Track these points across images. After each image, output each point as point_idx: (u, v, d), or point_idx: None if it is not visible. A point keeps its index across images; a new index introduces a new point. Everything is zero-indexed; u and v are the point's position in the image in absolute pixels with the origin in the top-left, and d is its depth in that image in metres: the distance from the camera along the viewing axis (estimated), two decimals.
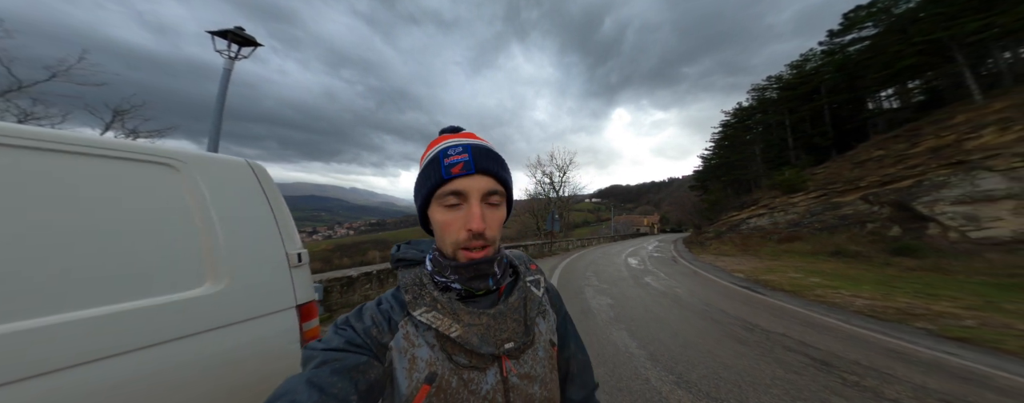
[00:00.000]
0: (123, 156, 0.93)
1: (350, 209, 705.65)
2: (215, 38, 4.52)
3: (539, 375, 0.45)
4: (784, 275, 7.94)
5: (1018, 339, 3.30)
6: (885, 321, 4.17)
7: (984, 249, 8.46)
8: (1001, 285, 6.22)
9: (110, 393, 0.78)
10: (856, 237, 11.45)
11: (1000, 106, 11.47)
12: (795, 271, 8.63)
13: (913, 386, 2.36)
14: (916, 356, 2.96)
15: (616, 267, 10.11)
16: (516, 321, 0.45)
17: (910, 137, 13.76)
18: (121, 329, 0.82)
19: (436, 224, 0.44)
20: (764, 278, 7.59)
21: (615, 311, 4.65)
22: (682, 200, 55.54)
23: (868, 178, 13.10)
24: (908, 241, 9.86)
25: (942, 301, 5.06)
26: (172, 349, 0.90)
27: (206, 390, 0.95)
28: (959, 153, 10.69)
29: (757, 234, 15.99)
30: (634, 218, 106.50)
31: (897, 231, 10.71)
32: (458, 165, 0.41)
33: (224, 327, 1.00)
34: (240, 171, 1.20)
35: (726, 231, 19.01)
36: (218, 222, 1.06)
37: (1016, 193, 8.92)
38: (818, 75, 25.18)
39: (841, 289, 6.10)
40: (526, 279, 0.51)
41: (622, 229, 65.22)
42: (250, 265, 1.11)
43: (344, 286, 4.62)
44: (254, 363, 1.06)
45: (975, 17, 14.55)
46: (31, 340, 0.70)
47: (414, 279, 0.46)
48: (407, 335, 0.42)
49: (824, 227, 13.15)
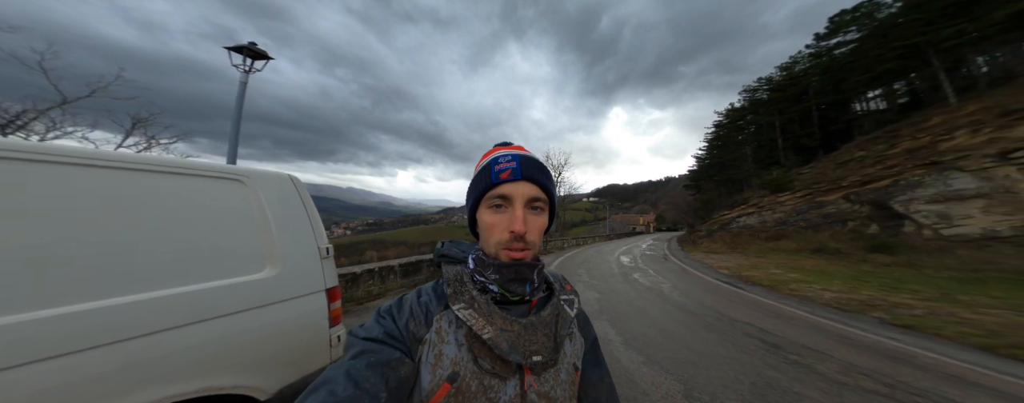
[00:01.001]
0: (210, 175, 1.29)
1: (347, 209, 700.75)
2: (231, 53, 4.90)
3: (558, 398, 0.45)
4: (766, 271, 8.32)
5: (956, 326, 3.69)
6: (846, 312, 4.52)
7: (955, 246, 8.93)
8: (963, 279, 6.66)
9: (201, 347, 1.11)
10: (837, 235, 11.92)
11: (972, 109, 12.02)
12: (776, 268, 9.02)
13: (844, 363, 2.72)
14: (859, 340, 3.32)
15: (608, 265, 10.46)
16: (546, 336, 0.45)
17: (889, 138, 14.31)
18: (215, 300, 1.15)
19: (482, 225, 0.47)
20: (747, 274, 7.95)
21: (601, 305, 4.99)
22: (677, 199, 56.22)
23: (850, 178, 13.61)
24: (885, 239, 10.33)
25: (902, 294, 5.43)
26: (244, 320, 1.22)
27: (263, 352, 1.26)
28: (933, 154, 11.20)
29: (746, 232, 16.46)
30: (630, 217, 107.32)
31: (875, 229, 11.19)
32: (506, 171, 0.45)
33: (277, 303, 1.33)
34: (284, 183, 1.54)
35: (717, 230, 19.48)
36: (272, 222, 1.39)
37: (985, 192, 9.41)
38: (806, 77, 25.82)
39: (814, 284, 6.46)
40: (560, 297, 0.52)
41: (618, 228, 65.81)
42: (294, 256, 1.43)
43: (349, 282, 4.93)
44: (294, 333, 1.38)
45: (950, 23, 15.16)
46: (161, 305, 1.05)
47: (456, 275, 0.48)
48: (439, 330, 0.44)
49: (808, 225, 13.63)
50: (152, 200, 1.12)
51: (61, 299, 0.88)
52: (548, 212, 0.49)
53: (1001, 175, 9.35)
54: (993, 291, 5.48)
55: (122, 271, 1.00)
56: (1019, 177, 9.09)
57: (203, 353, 1.11)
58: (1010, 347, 3.00)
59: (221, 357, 1.15)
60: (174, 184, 1.19)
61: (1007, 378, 2.51)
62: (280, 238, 1.40)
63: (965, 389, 2.34)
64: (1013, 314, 4.08)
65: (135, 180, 1.09)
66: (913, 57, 17.28)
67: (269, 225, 1.38)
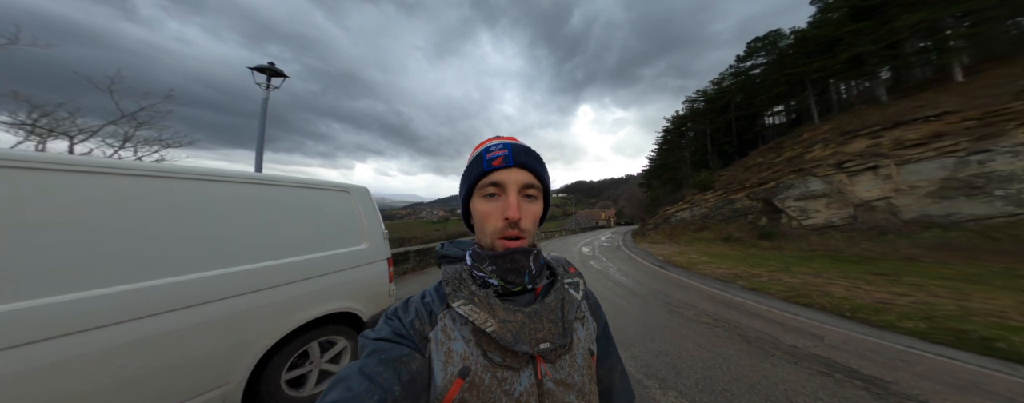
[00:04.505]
0: (333, 189, 2.16)
1: None
2: (255, 73, 5.54)
3: (577, 384, 0.44)
4: (687, 256, 10.34)
5: (778, 287, 5.49)
6: (723, 281, 6.32)
7: (808, 233, 12.53)
8: (803, 257, 9.62)
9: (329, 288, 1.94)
10: (741, 226, 15.49)
11: (827, 128, 16.33)
12: (696, 253, 11.14)
13: (702, 311, 4.24)
14: (720, 298, 4.97)
15: (570, 254, 11.68)
16: (553, 322, 0.45)
17: (777, 148, 18.53)
18: (336, 261, 2.01)
19: (476, 214, 0.47)
20: (674, 259, 9.91)
21: None
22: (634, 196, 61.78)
23: (751, 180, 17.47)
24: (768, 228, 13.89)
25: (761, 268, 7.47)
26: (353, 272, 2.11)
27: (363, 293, 2.17)
28: (801, 162, 15.13)
29: (681, 225, 19.98)
30: (594, 212, 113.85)
31: (764, 221, 14.86)
32: (498, 158, 0.45)
33: (368, 264, 2.24)
34: (366, 192, 2.45)
35: (661, 223, 23.02)
36: (363, 215, 2.32)
37: (828, 193, 13.24)
38: (730, 92, 30.86)
39: (714, 264, 8.45)
40: (564, 281, 0.52)
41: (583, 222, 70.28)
42: (373, 236, 2.34)
43: None
44: (375, 283, 2.29)
45: (819, 59, 19.94)
46: (313, 264, 1.87)
47: (455, 274, 0.48)
48: (445, 328, 0.44)
49: (722, 218, 17.27)
50: (309, 204, 1.95)
51: (273, 256, 1.68)
52: (542, 200, 0.49)
53: (838, 180, 13.23)
54: (813, 264, 7.87)
55: (299, 243, 1.80)
56: (848, 181, 12.98)
57: (342, 289, 1.98)
58: (800, 297, 4.83)
59: (348, 293, 2.03)
60: (319, 194, 2.03)
61: (788, 315, 4.08)
62: (367, 225, 2.31)
63: (756, 320, 3.82)
64: (813, 278, 6.22)
65: (301, 194, 1.92)
66: (797, 83, 22.18)
67: (361, 217, 2.29)
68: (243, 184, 1.63)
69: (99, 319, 1.11)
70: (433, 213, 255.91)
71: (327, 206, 2.07)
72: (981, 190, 9.54)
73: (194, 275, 1.36)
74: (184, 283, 1.33)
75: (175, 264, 1.33)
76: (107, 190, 1.22)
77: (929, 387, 2.29)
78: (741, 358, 2.79)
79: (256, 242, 1.61)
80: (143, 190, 1.31)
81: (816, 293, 5.01)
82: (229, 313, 1.44)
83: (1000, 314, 3.85)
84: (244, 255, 1.55)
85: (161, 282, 1.27)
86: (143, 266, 1.25)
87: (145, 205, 1.31)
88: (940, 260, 7.57)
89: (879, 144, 12.68)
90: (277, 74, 5.68)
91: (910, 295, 4.82)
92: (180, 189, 1.41)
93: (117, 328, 1.15)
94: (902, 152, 11.66)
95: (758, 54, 28.25)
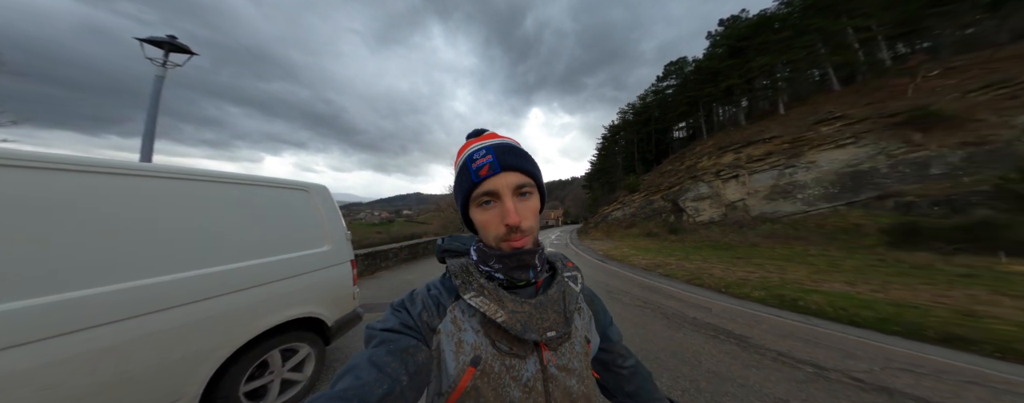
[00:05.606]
0: (292, 187, 2.05)
1: None
2: (144, 45, 4.18)
3: (576, 369, 0.47)
4: (621, 251, 12.03)
5: (683, 271, 6.92)
6: (647, 270, 7.69)
7: (699, 228, 16.52)
8: (697, 247, 12.57)
9: (290, 293, 1.83)
10: (658, 223, 19.36)
11: (711, 143, 21.28)
12: (627, 248, 13.11)
13: (633, 296, 5.04)
14: (646, 285, 5.92)
15: None
16: (557, 312, 0.47)
17: (681, 158, 23.31)
18: (296, 264, 1.89)
19: (477, 224, 0.48)
20: (610, 253, 11.59)
21: None
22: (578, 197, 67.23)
23: (664, 184, 21.73)
24: (676, 225, 17.78)
25: (672, 258, 9.37)
26: (316, 275, 2.00)
27: (326, 296, 2.09)
28: (694, 171, 19.58)
29: (615, 223, 23.64)
30: (545, 213, 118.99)
31: (673, 219, 18.89)
32: (484, 167, 0.45)
33: (331, 266, 2.14)
34: (324, 190, 2.33)
35: (600, 222, 26.63)
36: (325, 215, 2.20)
37: (710, 195, 17.55)
38: (651, 108, 36.58)
39: (639, 256, 10.09)
40: (564, 274, 0.54)
41: None
42: (336, 237, 2.24)
43: None
44: (338, 286, 2.21)
45: (707, 86, 25.54)
46: (271, 267, 1.75)
47: (462, 267, 0.49)
48: (455, 319, 0.46)
49: (645, 217, 21.18)
50: (264, 203, 1.82)
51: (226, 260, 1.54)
52: (537, 193, 0.49)
53: (716, 185, 17.64)
54: (703, 253, 10.23)
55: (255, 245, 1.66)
56: (722, 187, 17.41)
57: (304, 294, 1.88)
58: (695, 279, 6.16)
59: (310, 297, 1.95)
60: (275, 193, 1.89)
61: (689, 294, 5.12)
62: (329, 226, 2.20)
63: (671, 300, 4.65)
64: (702, 263, 8.03)
65: (254, 192, 1.79)
66: (694, 104, 27.90)
67: (322, 218, 2.17)
68: (184, 181, 1.48)
69: (14, 337, 0.95)
70: (373, 214, 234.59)
71: (284, 206, 1.95)
72: (791, 194, 14.18)
73: (133, 283, 1.21)
74: (121, 292, 1.18)
75: (113, 271, 1.18)
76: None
77: (769, 337, 3.15)
78: (663, 331, 3.37)
79: (204, 245, 1.47)
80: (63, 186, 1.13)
81: (705, 275, 6.50)
82: (177, 324, 1.31)
83: (799, 282, 5.52)
84: (190, 260, 1.41)
85: (92, 292, 1.11)
86: (68, 275, 1.08)
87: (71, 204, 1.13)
88: (770, 245, 11.18)
89: (740, 158, 17.36)
90: (180, 50, 4.42)
91: (756, 272, 6.58)
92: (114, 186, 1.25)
93: (39, 346, 0.99)
94: (752, 165, 16.29)
95: (671, 76, 34.07)
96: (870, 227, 10.59)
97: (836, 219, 12.04)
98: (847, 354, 2.76)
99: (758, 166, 15.94)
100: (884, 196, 11.93)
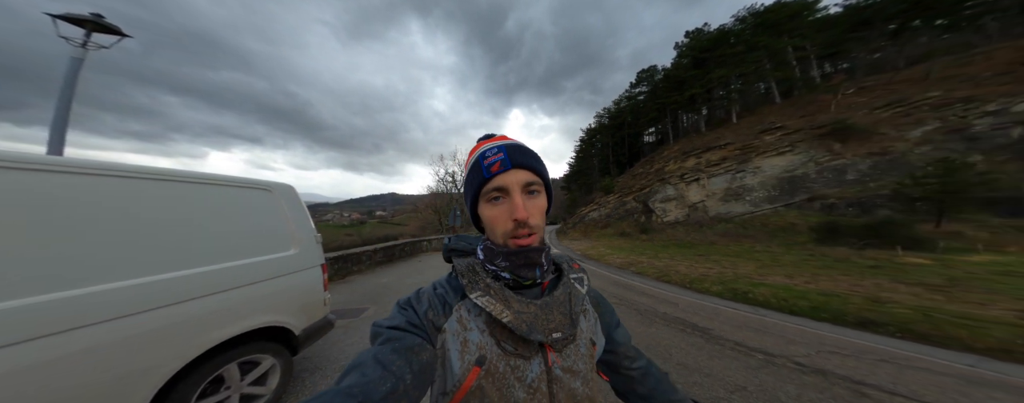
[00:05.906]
0: (246, 186, 1.87)
1: None
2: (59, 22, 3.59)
3: (581, 371, 0.47)
4: (597, 250, 13.02)
5: (652, 269, 7.42)
6: (622, 268, 8.23)
7: (667, 227, 18.15)
8: (665, 246, 14.04)
9: (250, 301, 1.69)
10: (631, 224, 20.91)
11: (676, 148, 23.20)
12: (603, 247, 14.15)
13: (609, 293, 5.17)
14: (621, 282, 6.27)
15: None
16: (562, 313, 0.48)
17: (651, 162, 25.14)
18: (258, 269, 1.75)
19: (486, 219, 0.48)
20: (588, 252, 12.47)
21: None
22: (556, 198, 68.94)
23: (636, 185, 23.39)
24: (647, 225, 19.37)
25: (643, 256, 10.15)
26: (281, 281, 1.86)
27: (293, 303, 1.95)
28: (662, 174, 21.33)
29: (592, 224, 25.06)
30: None
31: (644, 219, 20.51)
32: (496, 163, 0.46)
33: (299, 271, 2.01)
34: (290, 190, 2.19)
35: (578, 222, 27.99)
36: (290, 217, 2.05)
37: (675, 197, 19.30)
38: (625, 113, 38.45)
39: (614, 255, 10.88)
40: (570, 276, 0.54)
41: None
42: (304, 240, 2.11)
43: None
44: (307, 292, 2.08)
45: (674, 94, 27.63)
46: (227, 274, 1.59)
47: (468, 266, 0.50)
48: (461, 319, 0.46)
49: (619, 217, 22.73)
50: (220, 204, 1.67)
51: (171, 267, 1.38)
52: (545, 193, 0.50)
53: (681, 187, 19.41)
54: (670, 251, 11.26)
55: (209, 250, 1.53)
56: (686, 189, 19.20)
57: (267, 301, 1.76)
58: (664, 276, 6.57)
59: (275, 304, 1.83)
60: (233, 193, 1.75)
61: (658, 290, 5.33)
62: (297, 228, 2.07)
63: (644, 297, 4.91)
64: (669, 260, 8.80)
65: (209, 192, 1.64)
66: (662, 110, 30.01)
67: (288, 219, 2.04)
68: (133, 179, 1.35)
69: None
70: (342, 215, 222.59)
71: (241, 207, 1.81)
72: (741, 197, 16.08)
73: (57, 294, 1.06)
74: (45, 305, 1.03)
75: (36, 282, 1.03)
76: None
77: (726, 329, 3.38)
78: (637, 327, 3.46)
79: (141, 251, 1.32)
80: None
81: (672, 272, 6.89)
82: (109, 340, 1.15)
83: (748, 276, 6.02)
84: (127, 267, 1.26)
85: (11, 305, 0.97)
86: None
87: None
88: (725, 243, 12.74)
89: (700, 162, 19.24)
90: (108, 31, 3.87)
91: (714, 268, 7.07)
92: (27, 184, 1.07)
93: None
94: (710, 169, 18.15)
95: (643, 83, 36.15)
96: (802, 226, 12.47)
97: (776, 219, 13.95)
98: (789, 341, 3.02)
99: (715, 170, 17.81)
100: (813, 198, 13.99)
